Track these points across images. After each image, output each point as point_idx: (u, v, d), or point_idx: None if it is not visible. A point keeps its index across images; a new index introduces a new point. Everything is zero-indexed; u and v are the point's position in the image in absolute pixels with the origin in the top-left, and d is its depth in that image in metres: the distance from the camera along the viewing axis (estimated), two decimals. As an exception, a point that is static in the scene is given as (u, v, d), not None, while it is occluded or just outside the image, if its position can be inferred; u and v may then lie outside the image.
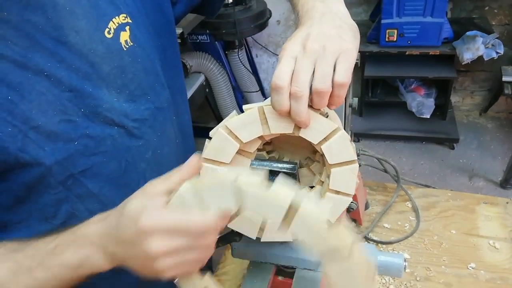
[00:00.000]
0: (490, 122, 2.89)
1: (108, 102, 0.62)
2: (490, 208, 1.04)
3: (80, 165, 0.61)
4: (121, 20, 0.63)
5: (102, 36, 0.60)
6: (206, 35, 2.48)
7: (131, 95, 0.65)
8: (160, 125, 0.73)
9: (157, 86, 0.72)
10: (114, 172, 0.66)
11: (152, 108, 0.70)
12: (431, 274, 0.90)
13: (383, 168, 1.11)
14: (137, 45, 0.66)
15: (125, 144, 0.66)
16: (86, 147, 0.61)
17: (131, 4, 0.67)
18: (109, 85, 0.62)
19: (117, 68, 0.63)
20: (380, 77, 2.72)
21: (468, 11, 2.62)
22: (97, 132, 0.62)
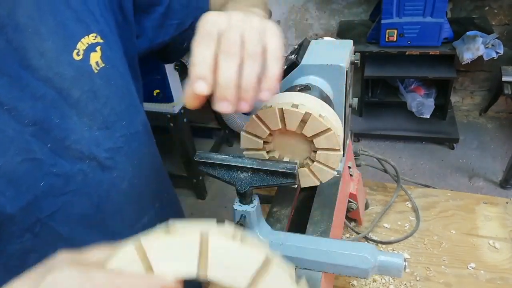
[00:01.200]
0: (490, 122, 2.89)
1: (78, 133, 0.56)
2: (490, 208, 1.04)
3: (48, 208, 0.55)
4: (91, 40, 0.58)
5: (70, 58, 0.55)
6: (206, 35, 2.48)
7: (104, 121, 0.60)
8: (136, 152, 0.67)
9: (132, 109, 0.67)
10: (86, 211, 0.60)
11: (127, 135, 0.65)
12: (431, 274, 0.90)
13: (383, 168, 1.11)
14: (109, 66, 0.60)
15: (97, 178, 0.60)
16: (53, 187, 0.55)
17: (102, 21, 0.61)
18: (80, 112, 0.56)
19: (88, 92, 0.57)
20: (380, 77, 2.72)
21: (468, 11, 2.62)
22: (65, 169, 0.56)
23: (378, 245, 0.99)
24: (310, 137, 0.61)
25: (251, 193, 0.59)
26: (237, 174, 0.58)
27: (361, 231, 1.00)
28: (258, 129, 0.63)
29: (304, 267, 0.62)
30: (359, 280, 0.90)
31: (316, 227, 0.69)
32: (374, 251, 0.59)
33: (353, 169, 0.94)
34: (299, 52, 0.74)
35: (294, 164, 0.56)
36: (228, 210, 2.49)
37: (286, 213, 0.73)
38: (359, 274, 0.59)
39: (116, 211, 0.66)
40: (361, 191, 0.99)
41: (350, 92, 0.77)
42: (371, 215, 1.06)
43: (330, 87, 0.71)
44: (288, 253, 0.62)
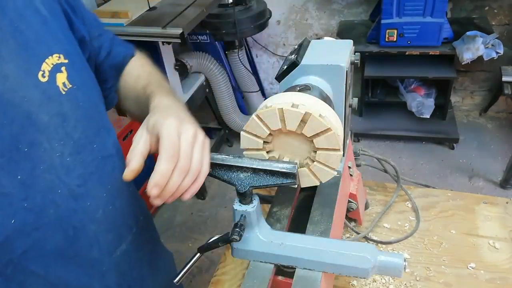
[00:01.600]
0: (490, 122, 2.89)
1: (48, 160, 0.54)
2: (490, 208, 1.04)
3: (20, 246, 0.52)
4: (55, 60, 0.56)
5: (35, 80, 0.52)
6: (206, 35, 2.48)
7: (75, 145, 0.58)
8: (109, 177, 0.65)
9: (103, 131, 0.65)
10: (60, 245, 0.57)
11: (99, 158, 0.62)
12: (431, 274, 0.90)
13: (383, 168, 1.11)
14: (76, 87, 0.58)
15: (71, 209, 0.58)
16: (25, 224, 0.51)
17: (66, 42, 0.59)
18: (49, 138, 0.54)
19: (57, 115, 0.55)
20: (380, 77, 2.72)
21: (468, 11, 2.62)
22: (36, 201, 0.52)
23: (378, 245, 0.99)
24: (310, 137, 0.61)
25: (251, 193, 0.59)
26: (237, 174, 0.58)
27: (361, 231, 1.00)
28: (258, 129, 0.63)
29: (304, 267, 0.62)
30: (359, 280, 0.90)
31: (316, 227, 0.69)
32: (374, 251, 0.59)
33: (353, 169, 0.94)
34: (299, 52, 0.74)
35: (294, 164, 0.56)
36: (228, 210, 2.49)
37: (286, 213, 0.73)
38: (359, 274, 0.59)
39: (92, 242, 0.63)
40: (361, 191, 0.99)
41: (350, 92, 0.77)
42: (371, 215, 1.06)
43: (330, 87, 0.71)
44: (288, 253, 0.62)
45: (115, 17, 1.98)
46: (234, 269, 0.96)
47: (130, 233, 0.73)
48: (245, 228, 0.61)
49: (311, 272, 0.62)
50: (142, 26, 1.95)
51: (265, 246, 0.63)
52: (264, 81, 3.25)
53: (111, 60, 0.74)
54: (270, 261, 0.64)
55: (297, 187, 0.78)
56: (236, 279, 0.94)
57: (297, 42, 0.88)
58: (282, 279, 0.67)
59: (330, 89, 0.71)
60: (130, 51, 0.80)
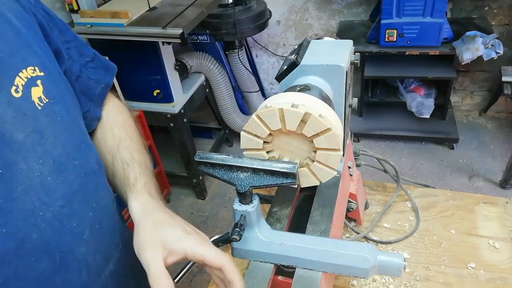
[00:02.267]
0: (490, 122, 2.89)
1: (26, 181, 0.50)
2: (489, 208, 1.04)
3: (0, 275, 0.48)
4: (30, 73, 0.52)
5: (8, 96, 0.49)
6: (206, 35, 2.49)
7: (56, 163, 0.54)
8: (93, 194, 0.62)
9: (84, 146, 0.61)
10: (46, 271, 0.53)
11: (82, 176, 0.59)
12: (430, 274, 0.91)
13: (382, 168, 1.11)
14: (53, 101, 0.55)
15: (56, 232, 0.54)
16: (6, 251, 0.48)
17: (41, 53, 0.56)
18: (27, 157, 0.50)
19: (34, 133, 0.51)
20: (380, 77, 2.72)
21: (467, 11, 2.62)
22: (17, 227, 0.49)
23: (378, 245, 0.99)
24: (310, 137, 0.61)
25: (251, 193, 0.59)
26: (237, 174, 0.58)
27: (361, 231, 1.00)
28: (258, 129, 0.63)
29: (304, 267, 0.62)
30: (359, 280, 0.90)
31: (316, 227, 0.69)
32: (374, 251, 0.59)
33: (353, 169, 0.95)
34: (299, 52, 0.74)
35: (294, 164, 0.56)
36: (228, 210, 2.49)
37: (286, 213, 0.74)
38: (359, 274, 0.59)
39: (81, 265, 0.60)
40: (361, 191, 0.99)
41: (350, 92, 0.77)
42: (371, 215, 1.06)
43: (330, 87, 0.71)
44: (288, 253, 0.62)
45: (115, 17, 1.98)
46: (234, 269, 0.96)
47: (117, 251, 0.71)
48: (245, 228, 0.61)
49: (311, 272, 0.62)
50: (142, 26, 1.95)
51: (265, 246, 0.63)
52: (264, 81, 3.26)
53: (81, 85, 0.70)
54: (270, 261, 0.64)
55: (297, 187, 0.78)
56: (236, 279, 0.94)
57: (297, 42, 0.88)
58: (282, 279, 0.67)
59: (330, 89, 0.71)
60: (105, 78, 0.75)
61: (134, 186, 0.65)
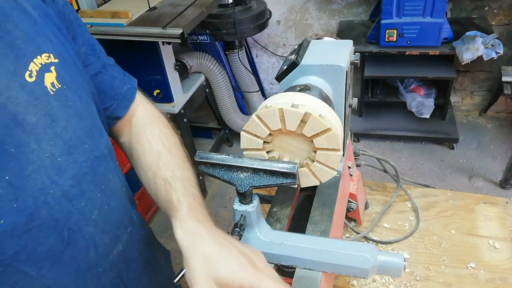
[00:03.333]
0: (490, 122, 2.89)
1: (37, 161, 0.53)
2: (489, 208, 1.04)
3: (11, 247, 0.51)
4: (44, 60, 0.55)
5: (22, 81, 0.52)
6: (206, 35, 2.49)
7: (66, 146, 0.57)
8: (103, 177, 0.64)
9: (95, 131, 0.64)
10: (54, 247, 0.56)
11: (92, 159, 0.61)
12: (430, 274, 0.91)
13: (382, 168, 1.11)
14: (66, 87, 0.57)
15: (65, 210, 0.57)
16: (16, 225, 0.51)
17: (56, 42, 0.58)
18: (38, 139, 0.53)
19: (46, 116, 0.54)
20: (380, 77, 2.72)
21: (467, 11, 2.62)
22: (28, 203, 0.52)
23: (378, 245, 0.99)
24: (310, 137, 0.61)
25: (251, 193, 0.59)
26: (237, 174, 0.58)
27: (361, 231, 1.00)
28: (258, 129, 0.63)
29: (304, 267, 0.62)
30: (359, 280, 0.90)
31: (316, 227, 0.69)
32: (374, 251, 0.59)
33: (353, 169, 0.95)
34: (299, 52, 0.74)
35: (294, 164, 0.56)
36: (228, 210, 2.49)
37: (286, 213, 0.74)
38: (359, 274, 0.59)
39: (89, 244, 0.62)
40: (361, 191, 0.99)
41: (350, 92, 0.77)
42: (371, 215, 1.06)
43: (330, 87, 0.71)
44: (288, 253, 0.62)
45: (115, 17, 1.98)
46: (234, 269, 0.96)
47: (125, 233, 0.73)
48: (245, 228, 0.61)
49: (311, 272, 0.62)
50: (142, 26, 1.95)
51: (265, 246, 0.63)
52: (264, 81, 3.26)
53: (101, 81, 0.72)
54: (270, 261, 0.64)
55: (297, 187, 0.78)
56: (236, 279, 0.94)
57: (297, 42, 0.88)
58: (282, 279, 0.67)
59: (330, 89, 0.71)
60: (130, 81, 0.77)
61: (178, 211, 0.63)
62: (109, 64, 0.74)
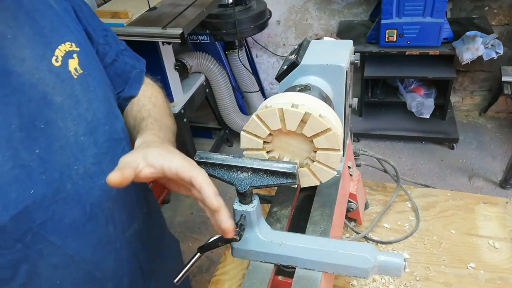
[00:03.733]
0: (490, 122, 2.89)
1: (63, 138, 0.58)
2: (489, 208, 1.04)
3: (39, 217, 0.55)
4: (68, 47, 0.61)
5: (49, 65, 0.57)
6: (206, 35, 2.49)
7: (88, 126, 0.62)
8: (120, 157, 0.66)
9: (112, 115, 0.69)
10: (78, 220, 0.61)
11: (110, 140, 0.67)
12: (430, 274, 0.91)
13: (382, 168, 1.11)
14: (87, 73, 0.63)
15: (87, 185, 0.61)
16: (44, 196, 0.55)
17: (76, 32, 0.65)
18: (64, 117, 0.58)
19: (70, 97, 0.59)
20: (380, 77, 2.72)
21: (467, 11, 2.63)
22: (54, 176, 0.56)
23: (378, 245, 0.99)
24: (310, 137, 0.61)
25: (251, 193, 0.59)
26: (237, 174, 0.58)
27: (361, 231, 1.00)
28: (258, 129, 0.63)
29: (304, 267, 0.62)
30: (359, 280, 0.90)
31: (316, 227, 0.69)
32: (374, 251, 0.59)
33: (353, 169, 0.95)
34: (299, 52, 0.74)
35: (294, 164, 0.56)
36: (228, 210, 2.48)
37: (286, 213, 0.74)
38: (359, 274, 0.59)
39: (108, 219, 0.66)
40: (361, 191, 0.99)
41: (350, 92, 0.77)
42: (371, 215, 1.06)
43: (330, 87, 0.71)
44: (288, 253, 0.62)
45: (115, 17, 1.98)
46: (234, 269, 0.97)
47: (141, 213, 0.78)
48: (245, 228, 0.61)
49: (311, 272, 0.62)
50: (142, 26, 1.96)
51: (265, 246, 0.63)
52: (264, 81, 3.26)
53: (116, 68, 0.78)
54: (270, 261, 0.64)
55: (297, 187, 0.78)
56: (236, 279, 0.94)
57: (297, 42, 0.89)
58: (282, 279, 0.67)
59: (330, 89, 0.71)
60: (139, 65, 0.84)
61: (144, 132, 0.71)
62: (120, 51, 0.80)
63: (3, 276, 0.54)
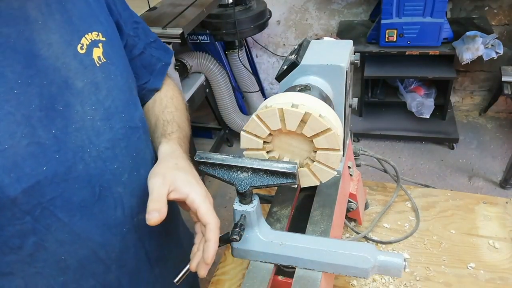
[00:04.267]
0: (490, 122, 2.89)
1: (79, 121, 0.60)
2: (489, 208, 1.04)
3: (49, 192, 0.57)
4: (94, 36, 0.64)
5: (75, 51, 0.60)
6: (206, 35, 2.48)
7: (106, 112, 0.64)
8: (135, 146, 0.71)
9: (131, 104, 0.71)
10: (87, 200, 0.63)
11: (126, 127, 0.68)
12: (430, 274, 0.91)
13: (383, 168, 1.11)
14: (110, 62, 0.66)
15: (99, 168, 0.63)
16: (56, 173, 0.57)
17: (105, 23, 0.68)
18: (83, 102, 0.61)
19: (91, 84, 0.62)
20: (380, 77, 2.72)
21: (467, 11, 2.63)
22: (68, 156, 0.58)
23: (378, 245, 0.99)
24: (310, 137, 0.61)
25: (251, 193, 0.59)
26: (237, 174, 0.58)
27: (361, 231, 1.00)
28: (258, 129, 0.63)
29: (304, 267, 0.62)
30: (359, 280, 0.90)
31: (316, 227, 0.69)
32: (374, 251, 0.59)
33: (353, 169, 0.95)
34: (299, 52, 0.74)
35: (294, 164, 0.56)
36: (228, 210, 2.49)
37: (286, 213, 0.74)
38: (359, 274, 0.59)
39: (117, 203, 0.68)
40: (361, 191, 0.99)
41: (350, 92, 0.77)
42: (371, 215, 1.06)
43: (330, 87, 0.71)
44: (288, 253, 0.62)
45: (115, 17, 1.97)
46: (234, 269, 0.97)
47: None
48: (245, 228, 0.61)
49: (311, 272, 0.62)
50: (142, 26, 1.95)
51: (265, 246, 0.63)
52: (264, 81, 3.26)
53: (143, 60, 0.81)
54: (270, 261, 0.64)
55: (297, 187, 0.78)
56: (236, 279, 0.94)
57: (297, 42, 0.89)
58: (282, 279, 0.67)
59: (330, 89, 0.71)
60: (165, 57, 0.87)
61: (170, 135, 0.76)
62: (149, 43, 0.83)
63: (12, 244, 0.57)
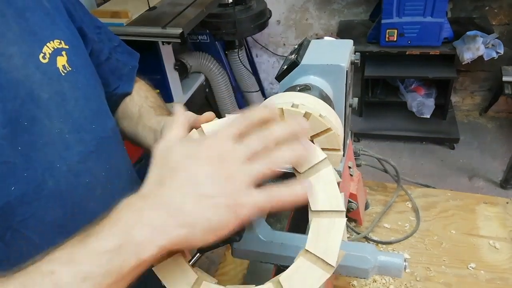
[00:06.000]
0: (490, 122, 2.89)
1: (47, 135, 0.57)
2: (490, 208, 1.04)
3: (20, 214, 0.54)
4: (56, 45, 0.61)
5: (37, 61, 0.57)
6: (206, 35, 2.48)
7: (75, 124, 0.61)
8: (107, 157, 0.68)
9: (101, 114, 0.69)
10: (59, 218, 0.59)
11: (98, 138, 0.65)
12: (431, 274, 0.90)
13: (383, 168, 1.11)
14: (76, 71, 0.63)
15: (70, 184, 0.60)
16: (26, 193, 0.54)
17: (67, 30, 0.65)
18: (50, 115, 0.57)
19: (57, 94, 0.59)
20: (380, 77, 2.72)
21: (468, 11, 2.62)
22: (37, 173, 0.55)
23: (378, 245, 0.99)
24: (310, 137, 0.61)
25: (251, 193, 0.59)
26: (237, 174, 0.58)
27: (361, 231, 1.00)
28: None
29: (304, 267, 0.62)
30: (359, 280, 0.90)
31: (316, 227, 0.69)
32: (374, 251, 0.59)
33: (353, 169, 0.94)
34: (299, 52, 0.74)
35: (294, 164, 0.56)
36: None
37: (286, 213, 0.73)
38: (359, 274, 0.59)
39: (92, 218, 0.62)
40: (361, 191, 0.98)
41: (350, 92, 0.77)
42: (371, 215, 1.06)
43: (330, 87, 0.71)
44: (288, 253, 0.62)
45: (115, 17, 1.97)
46: (234, 269, 0.96)
47: None
48: (245, 228, 0.61)
49: (311, 272, 0.62)
50: (142, 26, 1.95)
51: (265, 246, 0.63)
52: (264, 81, 3.25)
53: (110, 65, 0.78)
54: (270, 261, 0.64)
55: (297, 187, 0.78)
56: (236, 279, 0.94)
57: (297, 42, 0.88)
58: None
59: (330, 89, 0.71)
60: (131, 61, 0.84)
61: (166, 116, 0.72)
62: (113, 47, 0.80)
63: None
